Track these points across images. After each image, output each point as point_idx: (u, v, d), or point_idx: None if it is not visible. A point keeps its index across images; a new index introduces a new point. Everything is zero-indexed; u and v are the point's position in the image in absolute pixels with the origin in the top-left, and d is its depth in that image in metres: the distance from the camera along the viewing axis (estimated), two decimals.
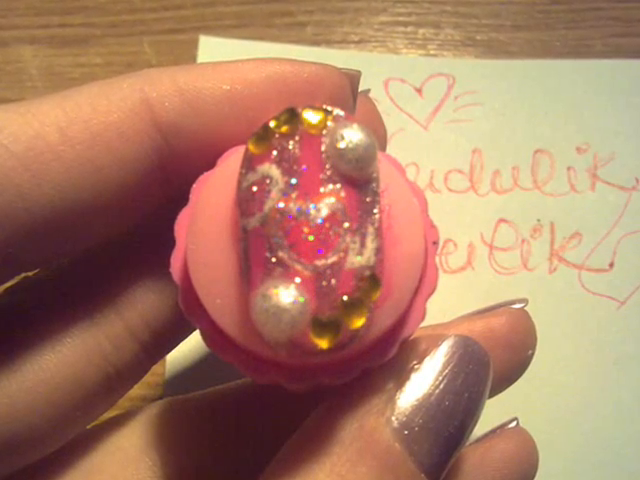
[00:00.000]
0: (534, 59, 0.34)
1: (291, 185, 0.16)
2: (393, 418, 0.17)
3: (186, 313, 0.17)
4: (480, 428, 0.19)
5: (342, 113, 0.16)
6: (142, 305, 0.20)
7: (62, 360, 0.18)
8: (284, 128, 0.16)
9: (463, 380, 0.17)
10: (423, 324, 0.17)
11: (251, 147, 0.16)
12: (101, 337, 0.19)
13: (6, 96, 0.34)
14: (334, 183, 0.16)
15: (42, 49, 0.35)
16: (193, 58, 0.34)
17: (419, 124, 0.33)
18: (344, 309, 0.15)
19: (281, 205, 0.15)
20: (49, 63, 0.35)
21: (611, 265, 0.31)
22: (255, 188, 0.16)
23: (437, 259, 0.31)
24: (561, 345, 0.30)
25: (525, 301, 0.23)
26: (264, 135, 0.16)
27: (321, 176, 0.16)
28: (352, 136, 0.16)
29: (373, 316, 0.15)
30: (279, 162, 0.16)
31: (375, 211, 0.16)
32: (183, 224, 0.17)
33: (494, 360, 0.18)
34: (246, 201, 0.15)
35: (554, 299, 0.31)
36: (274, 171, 0.16)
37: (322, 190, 0.16)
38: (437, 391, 0.17)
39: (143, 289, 0.20)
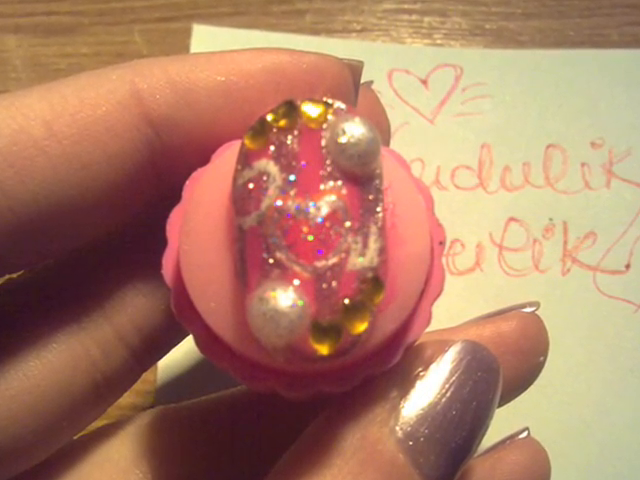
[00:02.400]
0: (546, 49, 0.34)
1: (289, 182, 0.16)
2: (397, 428, 0.17)
3: (178, 317, 0.17)
4: (489, 439, 0.19)
5: (343, 106, 0.16)
6: (132, 309, 0.20)
7: (47, 367, 0.18)
8: (282, 122, 0.16)
9: (471, 388, 0.17)
10: (429, 329, 0.17)
11: (247, 142, 0.16)
12: (89, 342, 0.19)
13: None
14: (335, 180, 0.16)
15: (26, 38, 0.35)
16: (186, 48, 0.34)
17: (425, 117, 0.33)
18: (345, 313, 0.15)
19: (279, 203, 0.15)
20: (34, 53, 0.35)
21: (627, 266, 0.31)
22: (251, 185, 0.15)
23: (444, 260, 0.31)
24: (574, 351, 0.30)
25: (537, 304, 0.23)
26: (261, 129, 0.16)
27: (321, 173, 0.16)
28: (354, 130, 0.16)
29: (376, 320, 0.15)
30: (277, 158, 0.16)
31: (378, 209, 0.16)
32: (175, 223, 0.17)
33: (504, 367, 0.18)
34: (242, 199, 0.15)
35: (567, 302, 0.31)
36: (272, 167, 0.16)
37: (322, 187, 0.16)
38: (444, 400, 0.17)
39: (133, 292, 0.20)
